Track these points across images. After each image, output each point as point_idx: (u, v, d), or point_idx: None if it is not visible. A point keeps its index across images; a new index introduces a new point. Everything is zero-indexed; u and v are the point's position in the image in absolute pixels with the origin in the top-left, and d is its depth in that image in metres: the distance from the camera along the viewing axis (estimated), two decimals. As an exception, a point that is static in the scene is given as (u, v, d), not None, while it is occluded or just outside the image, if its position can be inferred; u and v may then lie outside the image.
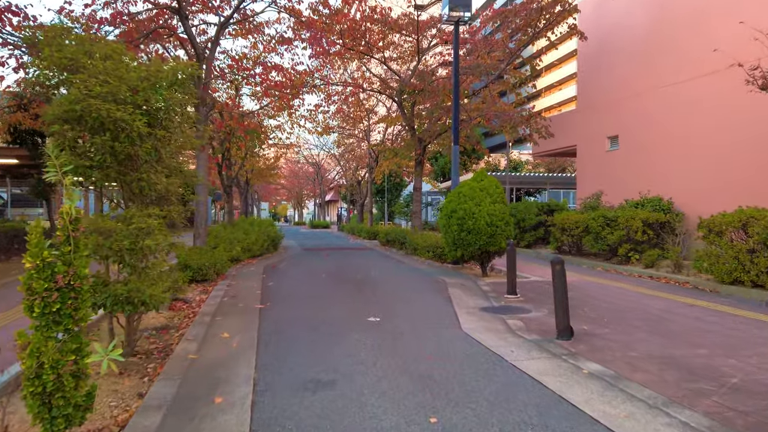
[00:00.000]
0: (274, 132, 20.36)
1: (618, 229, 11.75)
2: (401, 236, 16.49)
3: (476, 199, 10.28)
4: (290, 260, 13.35)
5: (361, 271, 10.85)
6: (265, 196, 77.80)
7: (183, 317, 6.54)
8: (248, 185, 25.34)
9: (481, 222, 9.99)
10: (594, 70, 15.82)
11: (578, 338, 5.34)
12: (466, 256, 10.36)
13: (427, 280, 9.79)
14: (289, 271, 10.82)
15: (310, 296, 7.84)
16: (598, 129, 15.48)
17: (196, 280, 9.03)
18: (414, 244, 14.53)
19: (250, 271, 10.86)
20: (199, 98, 9.72)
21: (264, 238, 14.30)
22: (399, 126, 23.13)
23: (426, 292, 8.28)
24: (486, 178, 10.80)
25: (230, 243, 11.62)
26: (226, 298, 7.63)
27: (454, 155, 12.29)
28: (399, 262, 13.02)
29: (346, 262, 13.10)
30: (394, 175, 37.05)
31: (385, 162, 20.74)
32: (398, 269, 11.53)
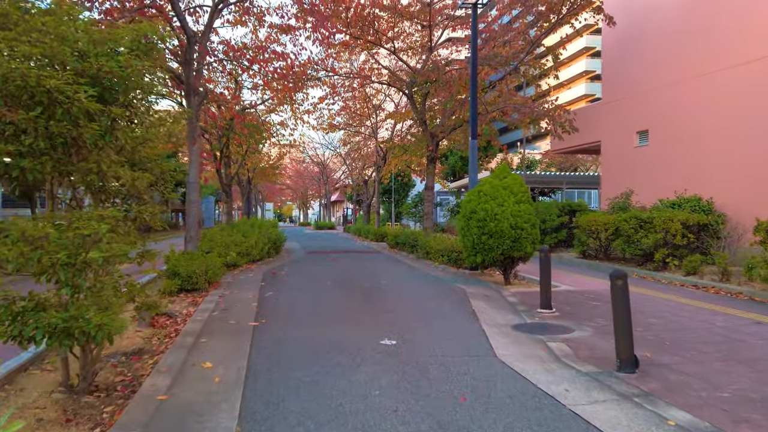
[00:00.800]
0: (276, 128, 19.45)
1: (654, 231, 10.69)
2: (412, 239, 15.49)
3: (499, 199, 9.28)
4: (292, 265, 12.39)
5: (370, 278, 9.87)
6: (269, 197, 77.07)
7: (164, 336, 5.59)
8: (250, 184, 24.43)
9: (505, 224, 9.00)
10: (621, 58, 14.76)
11: (644, 370, 4.32)
12: (487, 262, 9.35)
13: (444, 289, 8.79)
14: (291, 279, 9.86)
15: (312, 310, 6.86)
16: (626, 123, 14.41)
17: (186, 289, 8.09)
18: (426, 247, 13.52)
19: (248, 278, 9.90)
20: (190, 86, 8.78)
21: (264, 241, 13.35)
22: (409, 121, 22.15)
23: (446, 305, 7.28)
24: (509, 175, 9.80)
25: (226, 247, 10.67)
26: (217, 312, 6.67)
27: (471, 150, 11.29)
28: (411, 268, 12.03)
29: (353, 267, 12.12)
30: (401, 175, 36.10)
31: (394, 160, 19.78)
32: (411, 276, 10.53)
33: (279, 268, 11.68)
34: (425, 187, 15.12)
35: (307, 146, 42.69)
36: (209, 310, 6.77)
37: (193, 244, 9.19)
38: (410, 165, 18.67)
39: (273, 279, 9.73)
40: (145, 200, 4.76)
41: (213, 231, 12.53)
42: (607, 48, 15.44)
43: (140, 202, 4.74)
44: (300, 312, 6.72)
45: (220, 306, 7.06)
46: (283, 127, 19.35)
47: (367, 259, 14.32)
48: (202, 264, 8.36)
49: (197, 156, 8.83)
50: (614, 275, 4.35)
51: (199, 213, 9.35)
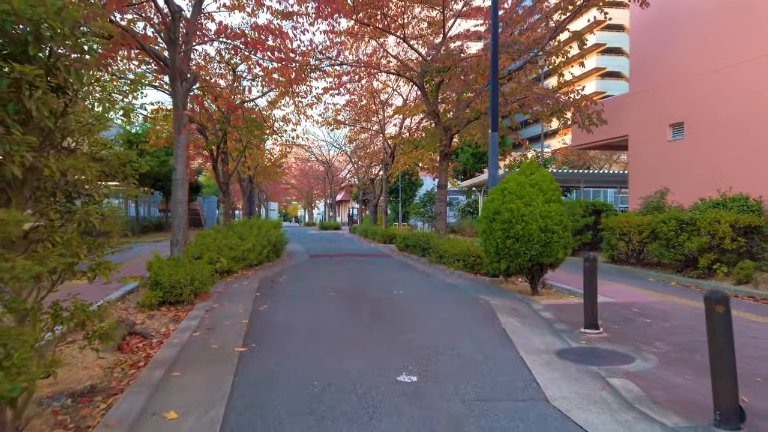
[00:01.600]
0: (279, 124, 18.47)
1: (698, 234, 9.59)
2: (424, 241, 14.43)
3: (526, 198, 8.24)
4: (293, 271, 11.36)
5: (380, 287, 8.83)
6: (273, 196, 76.31)
7: (129, 366, 4.58)
8: (252, 183, 23.45)
9: (533, 226, 7.96)
10: (652, 44, 13.65)
11: (753, 425, 3.25)
12: (512, 269, 8.29)
13: (464, 300, 7.74)
14: (290, 288, 8.83)
15: (312, 330, 5.82)
16: (657, 115, 13.30)
17: (168, 302, 7.08)
18: (440, 251, 12.47)
19: (242, 287, 8.89)
20: (176, 69, 7.78)
21: (263, 243, 12.34)
22: (419, 116, 21.10)
23: (470, 322, 6.23)
24: (537, 171, 8.74)
25: (218, 251, 9.67)
26: (199, 331, 5.65)
27: (492, 143, 10.22)
28: (424, 274, 10.97)
29: (360, 273, 11.08)
30: (408, 173, 35.05)
31: (403, 157, 18.74)
32: (425, 284, 9.48)
33: (278, 274, 10.65)
34: (437, 186, 14.06)
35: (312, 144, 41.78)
36: (191, 329, 5.75)
37: (180, 248, 8.19)
38: (420, 162, 17.61)
39: (270, 288, 8.71)
40: (94, 198, 3.75)
41: (206, 233, 11.55)
42: (636, 33, 14.32)
43: (89, 201, 3.74)
44: (298, 332, 5.68)
45: (204, 323, 6.04)
46: (285, 123, 18.38)
47: (375, 263, 13.28)
48: (188, 272, 7.35)
49: (184, 149, 7.83)
50: (713, 298, 3.27)
51: (185, 213, 8.35)
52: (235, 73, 14.92)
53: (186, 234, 8.41)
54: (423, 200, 30.63)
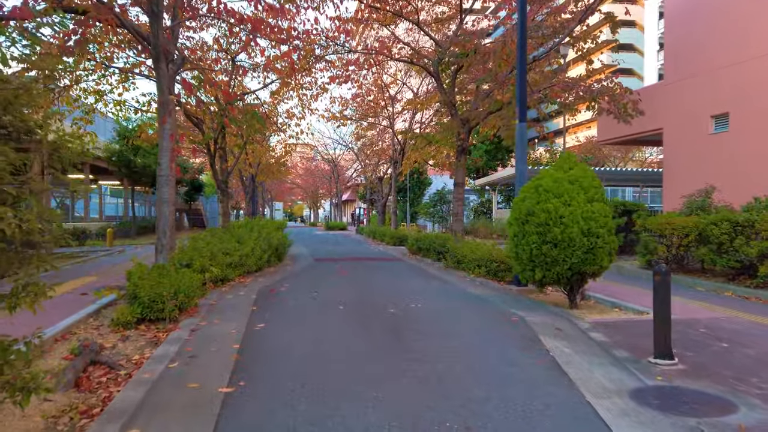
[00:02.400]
0: (282, 118, 17.47)
1: (758, 238, 8.46)
2: (439, 244, 13.35)
3: (564, 196, 7.17)
4: (296, 278, 10.31)
5: (395, 299, 7.76)
6: (279, 196, 75.49)
7: (80, 415, 3.53)
8: (254, 182, 22.46)
9: (574, 229, 6.89)
10: (689, 28, 12.50)
11: None
12: (549, 279, 7.21)
13: (496, 317, 6.66)
14: (292, 300, 7.77)
15: (318, 360, 4.76)
16: (697, 106, 12.15)
17: (148, 318, 6.05)
18: (458, 255, 11.40)
19: (238, 298, 7.85)
20: (159, 47, 6.74)
21: (264, 247, 11.30)
22: (431, 110, 20.03)
23: (510, 348, 5.14)
24: (576, 166, 7.65)
25: (211, 257, 8.63)
26: (178, 361, 4.60)
27: (519, 136, 9.13)
28: (442, 282, 9.89)
29: (370, 281, 10.02)
30: (417, 172, 33.98)
31: (414, 153, 17.66)
32: (445, 294, 8.39)
33: (279, 282, 9.60)
34: (454, 184, 12.98)
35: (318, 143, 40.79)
36: (168, 357, 4.71)
37: (165, 254, 7.16)
38: (433, 159, 16.53)
39: (268, 300, 7.65)
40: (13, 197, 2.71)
41: (201, 236, 10.52)
42: (672, 13, 13.16)
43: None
44: (300, 364, 4.62)
45: (186, 349, 5.00)
46: (289, 117, 17.38)
47: (386, 269, 12.21)
48: (173, 283, 6.32)
49: (169, 140, 6.80)
50: None
51: (172, 214, 7.32)
52: (234, 63, 13.90)
53: (173, 238, 7.38)
54: (433, 199, 29.52)
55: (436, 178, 37.94)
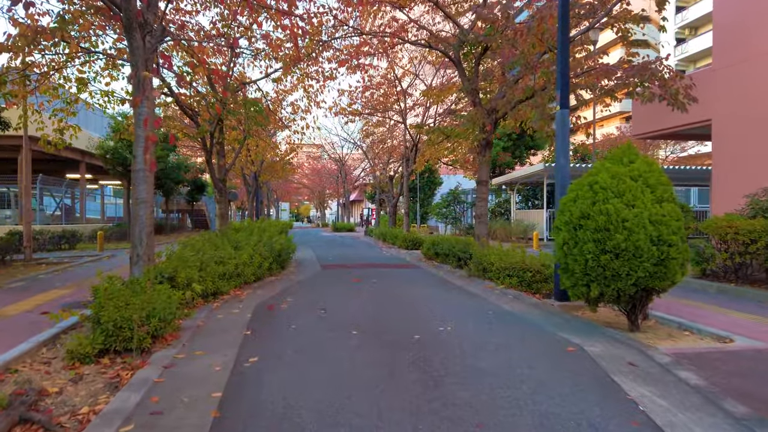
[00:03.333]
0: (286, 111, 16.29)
1: None
2: (460, 249, 12.10)
3: (627, 196, 5.96)
4: (300, 291, 9.08)
5: (418, 321, 6.52)
6: (285, 196, 74.56)
7: None
8: (257, 181, 21.30)
9: (641, 236, 5.68)
10: (743, 5, 11.15)
11: None
12: (608, 295, 5.95)
13: (547, 345, 5.40)
14: (295, 321, 6.54)
15: (325, 421, 3.51)
16: (753, 94, 10.80)
17: (114, 349, 4.86)
18: (484, 262, 10.14)
19: (229, 317, 6.64)
20: (132, 15, 5.55)
21: (265, 253, 10.11)
22: (446, 103, 18.77)
23: (579, 394, 3.88)
24: (638, 159, 6.39)
25: (201, 268, 7.44)
26: (133, 425, 3.38)
27: (560, 125, 7.87)
28: (470, 296, 8.62)
29: (387, 295, 8.77)
30: (428, 171, 32.75)
31: (429, 150, 16.42)
32: (476, 313, 7.12)
33: (280, 296, 8.38)
34: (477, 182, 11.71)
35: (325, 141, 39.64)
36: (125, 413, 3.50)
37: (142, 266, 5.96)
38: (450, 155, 15.28)
39: (266, 322, 6.43)
40: None
41: (192, 241, 9.33)
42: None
43: None
44: (302, 426, 3.39)
45: (151, 399, 3.79)
46: (294, 111, 16.19)
47: (403, 278, 10.96)
48: (147, 304, 5.12)
49: (143, 127, 5.59)
50: None
51: (150, 217, 6.11)
52: (233, 51, 12.71)
53: (152, 246, 6.18)
54: (446, 200, 28.21)
55: (447, 178, 36.67)
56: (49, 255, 15.06)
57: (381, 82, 20.53)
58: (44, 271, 11.14)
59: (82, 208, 24.21)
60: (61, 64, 10.69)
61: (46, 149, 10.84)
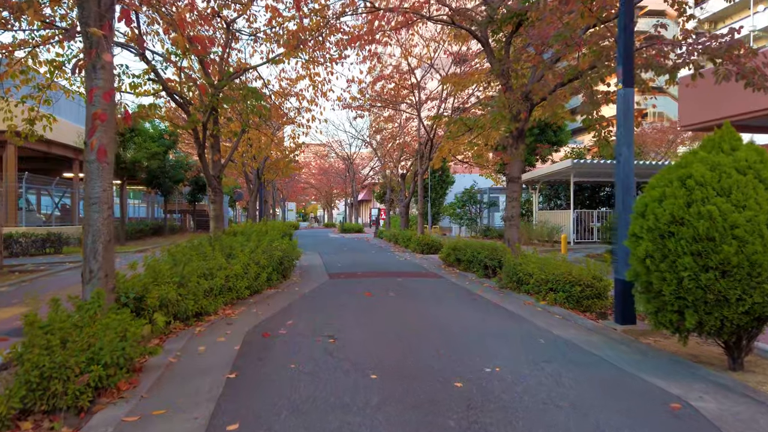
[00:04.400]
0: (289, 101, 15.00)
1: None
2: (487, 255, 10.71)
3: (735, 194, 4.58)
4: (304, 310, 7.68)
5: (457, 357, 5.12)
6: (291, 196, 73.42)
7: None
8: (259, 179, 20.00)
9: (757, 247, 4.32)
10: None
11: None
12: (709, 326, 4.53)
13: (638, 400, 3.97)
14: (294, 355, 5.16)
15: None
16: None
17: (42, 410, 3.51)
18: (519, 272, 8.73)
19: (212, 349, 5.27)
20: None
21: (264, 262, 8.76)
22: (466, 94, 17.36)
23: None
24: (741, 145, 4.96)
25: (181, 283, 6.08)
26: None
27: (622, 106, 6.47)
28: (509, 316, 7.18)
29: (408, 315, 7.37)
30: (440, 169, 31.32)
31: (448, 144, 15.02)
32: (528, 345, 5.67)
33: (279, 317, 6.99)
34: (508, 179, 10.29)
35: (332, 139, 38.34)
36: None
37: (95, 286, 4.61)
38: (473, 149, 13.86)
39: (258, 357, 5.06)
40: None
41: (176, 250, 7.98)
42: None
43: None
44: None
45: None
46: (298, 99, 14.87)
47: (424, 290, 9.55)
48: (89, 342, 3.78)
49: (103, 104, 4.25)
50: None
51: (108, 221, 4.76)
52: (229, 30, 11.38)
53: (110, 260, 4.83)
54: (461, 199, 26.75)
55: (459, 177, 35.21)
56: (30, 260, 13.82)
57: (392, 74, 19.19)
58: (12, 282, 9.85)
59: (73, 209, 23.05)
60: (32, 43, 9.44)
61: (14, 141, 9.60)
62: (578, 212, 19.41)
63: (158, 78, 10.11)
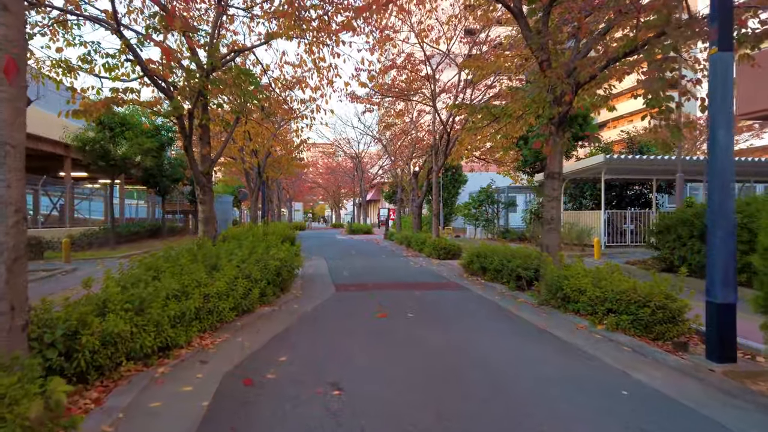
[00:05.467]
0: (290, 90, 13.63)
1: None
2: (521, 265, 9.24)
3: None
4: (301, 341, 6.19)
5: (509, 414, 3.65)
6: (298, 196, 72.18)
7: None
8: (260, 177, 18.60)
9: None
10: None
11: None
12: None
13: None
14: (282, 424, 3.72)
15: None
16: None
17: None
18: (566, 288, 7.22)
19: (170, 409, 3.84)
20: None
21: (257, 275, 7.33)
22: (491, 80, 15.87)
23: None
24: None
25: (139, 308, 4.64)
26: None
27: (719, 74, 4.96)
28: (567, 351, 5.65)
29: (436, 347, 5.89)
30: (451, 168, 29.82)
31: (468, 137, 13.54)
32: (607, 401, 4.18)
33: (268, 353, 5.50)
34: (547, 175, 8.78)
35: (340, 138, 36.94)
36: None
37: None
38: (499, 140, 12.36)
39: (232, 421, 3.62)
40: None
41: (151, 260, 6.54)
42: None
43: None
44: None
45: None
46: (301, 88, 13.49)
47: (448, 309, 8.07)
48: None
49: None
50: None
51: (17, 236, 3.35)
52: (220, 3, 9.97)
53: (20, 286, 3.41)
54: (477, 199, 25.22)
55: (472, 176, 33.70)
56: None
57: (404, 63, 17.72)
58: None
59: (65, 210, 21.82)
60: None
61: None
62: (609, 213, 17.83)
63: (135, 56, 8.73)
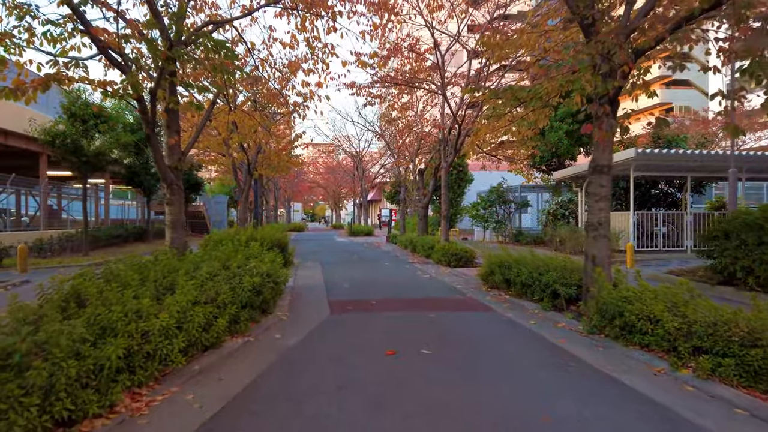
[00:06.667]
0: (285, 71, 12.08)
1: None
2: (558, 279, 7.59)
3: None
4: (272, 407, 4.57)
5: None
6: (296, 196, 70.61)
7: None
8: (251, 175, 16.96)
9: None
10: None
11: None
12: None
13: None
14: None
15: None
16: None
17: None
18: (627, 313, 5.57)
19: None
20: None
21: (226, 298, 5.70)
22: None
23: None
24: None
25: (23, 367, 3.02)
26: None
27: None
28: (666, 421, 4.01)
29: (472, 422, 4.26)
30: (457, 166, 28.16)
31: (485, 127, 11.89)
32: None
33: (225, 424, 3.90)
34: (592, 169, 7.11)
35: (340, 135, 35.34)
36: None
37: None
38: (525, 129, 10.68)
39: None
40: None
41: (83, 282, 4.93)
42: None
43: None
44: None
45: None
46: (292, 70, 11.92)
47: (477, 343, 6.41)
48: None
49: None
50: None
51: None
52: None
53: None
54: (487, 198, 23.56)
55: (478, 174, 32.02)
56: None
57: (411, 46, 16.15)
58: None
59: (42, 211, 20.23)
60: None
61: None
62: (639, 214, 16.17)
63: (84, 24, 7.10)
